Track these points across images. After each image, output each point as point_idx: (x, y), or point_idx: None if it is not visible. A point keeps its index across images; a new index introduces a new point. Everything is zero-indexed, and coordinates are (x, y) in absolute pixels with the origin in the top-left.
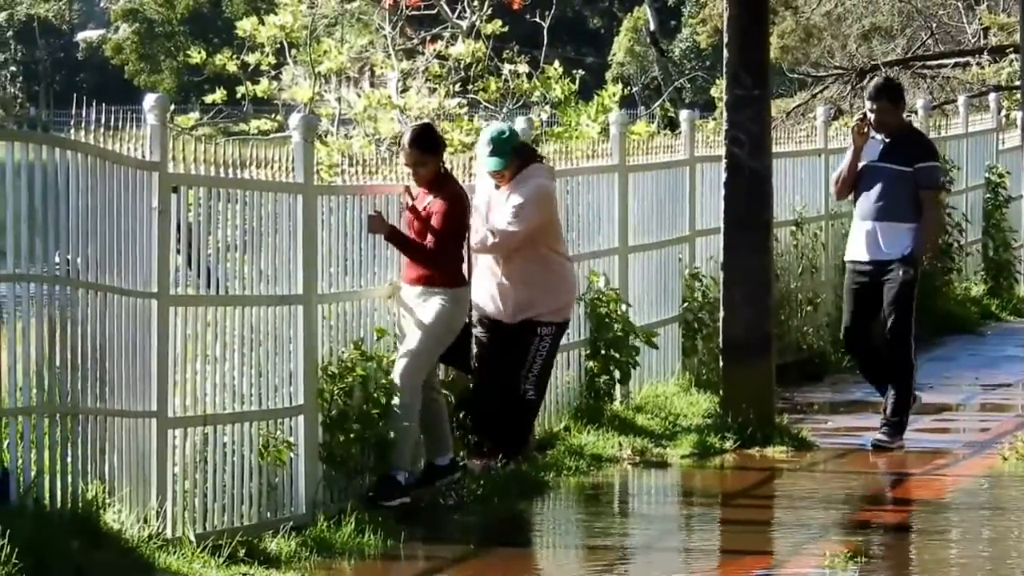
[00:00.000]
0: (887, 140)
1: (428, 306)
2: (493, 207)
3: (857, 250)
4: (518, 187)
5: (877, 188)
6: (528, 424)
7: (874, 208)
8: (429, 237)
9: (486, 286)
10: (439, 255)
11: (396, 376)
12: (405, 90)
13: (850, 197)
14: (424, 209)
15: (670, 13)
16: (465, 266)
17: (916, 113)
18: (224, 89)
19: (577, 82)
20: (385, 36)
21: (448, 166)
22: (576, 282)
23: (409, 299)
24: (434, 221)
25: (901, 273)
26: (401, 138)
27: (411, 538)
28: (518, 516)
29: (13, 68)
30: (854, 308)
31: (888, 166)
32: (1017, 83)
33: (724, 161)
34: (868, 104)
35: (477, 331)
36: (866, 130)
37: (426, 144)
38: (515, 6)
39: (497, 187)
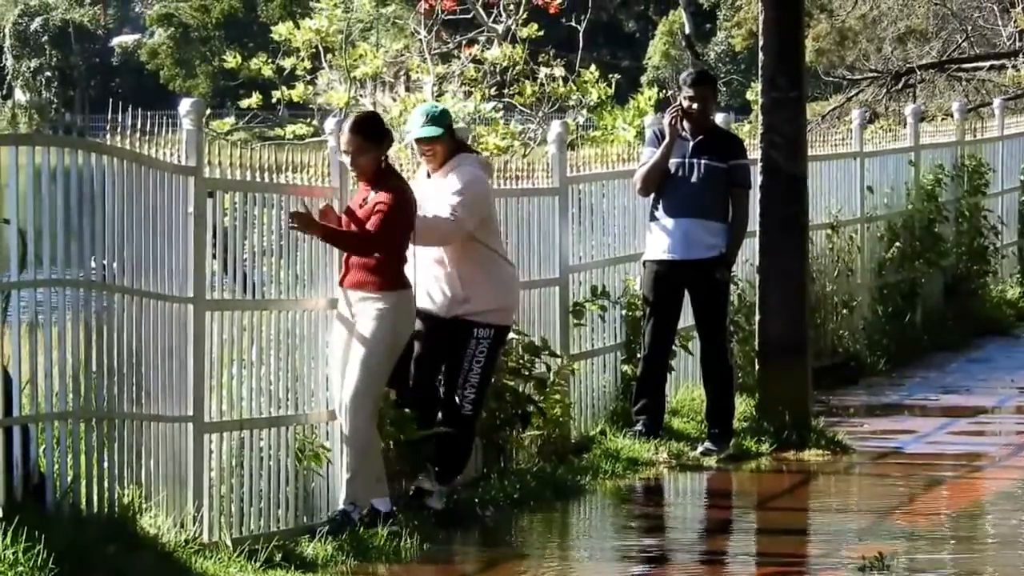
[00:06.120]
0: (697, 137)
1: (369, 319)
2: (428, 199)
3: (663, 249)
4: (454, 173)
5: (687, 185)
6: (466, 443)
7: (685, 205)
8: (372, 222)
9: (422, 279)
10: (382, 243)
11: (343, 408)
12: (441, 94)
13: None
14: (363, 206)
15: (705, 17)
16: (409, 268)
17: (952, 116)
18: (259, 94)
19: (613, 86)
20: (420, 40)
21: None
22: (517, 287)
23: (347, 308)
24: (376, 213)
25: (718, 275)
26: (342, 124)
27: (447, 541)
28: (554, 519)
29: (48, 73)
30: (659, 311)
31: (701, 162)
32: None
33: (760, 164)
34: (688, 91)
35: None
36: (679, 124)
37: (369, 132)
38: (551, 10)
39: (428, 176)
